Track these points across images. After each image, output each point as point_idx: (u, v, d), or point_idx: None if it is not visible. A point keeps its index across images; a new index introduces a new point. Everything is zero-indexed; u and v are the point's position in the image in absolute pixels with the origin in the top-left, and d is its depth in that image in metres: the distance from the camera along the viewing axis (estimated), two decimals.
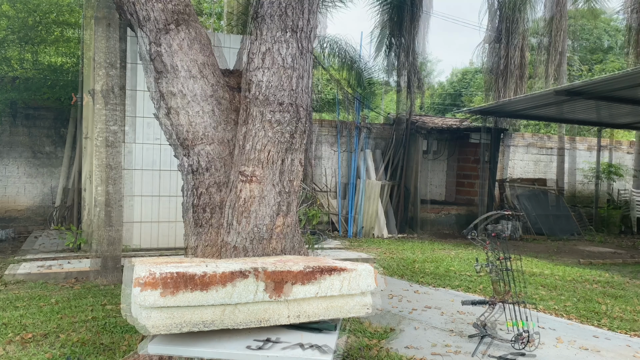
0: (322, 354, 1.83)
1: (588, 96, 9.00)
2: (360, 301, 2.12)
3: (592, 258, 8.83)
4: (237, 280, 1.90)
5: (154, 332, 1.82)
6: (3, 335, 4.10)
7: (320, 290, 2.02)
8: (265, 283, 1.94)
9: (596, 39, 26.73)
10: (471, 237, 4.12)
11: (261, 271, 1.94)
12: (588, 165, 14.61)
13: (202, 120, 3.12)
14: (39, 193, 10.32)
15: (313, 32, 3.25)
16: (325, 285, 2.03)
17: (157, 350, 1.90)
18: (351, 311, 2.10)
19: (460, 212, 12.26)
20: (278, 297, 1.95)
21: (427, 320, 4.69)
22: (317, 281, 2.02)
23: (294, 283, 1.98)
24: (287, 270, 1.98)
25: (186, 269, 1.87)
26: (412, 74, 11.29)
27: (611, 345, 4.21)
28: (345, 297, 2.08)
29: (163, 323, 1.83)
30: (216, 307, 1.89)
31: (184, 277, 1.84)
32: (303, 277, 1.99)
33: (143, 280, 1.80)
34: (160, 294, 1.80)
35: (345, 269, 2.09)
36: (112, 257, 5.97)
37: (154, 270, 1.83)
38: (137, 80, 7.74)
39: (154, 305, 1.80)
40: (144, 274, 1.81)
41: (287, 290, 1.97)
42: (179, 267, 1.90)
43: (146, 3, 3.10)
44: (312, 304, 2.02)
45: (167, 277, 1.82)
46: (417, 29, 11.31)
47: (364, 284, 2.11)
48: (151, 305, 1.80)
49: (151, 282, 1.80)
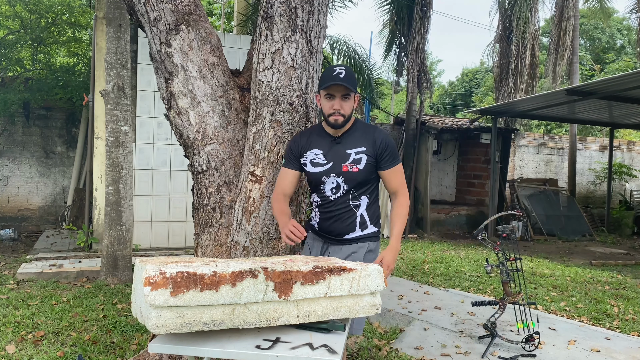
0: (331, 354, 1.82)
1: (600, 96, 8.91)
2: (370, 301, 2.11)
3: (604, 259, 8.75)
4: (247, 279, 1.90)
5: (165, 332, 1.83)
6: (16, 333, 4.14)
7: (330, 290, 2.02)
8: (274, 283, 1.93)
9: (608, 38, 26.49)
10: (481, 237, 4.10)
11: (271, 271, 1.94)
12: (600, 165, 14.48)
13: (212, 120, 3.13)
14: (51, 192, 10.42)
15: (323, 32, 3.25)
16: (335, 285, 2.02)
17: (166, 350, 1.91)
18: (360, 311, 2.10)
19: (471, 213, 12.20)
20: (287, 297, 1.95)
21: (437, 321, 4.67)
22: (327, 281, 2.01)
23: (304, 283, 1.97)
24: (297, 270, 1.98)
25: (197, 269, 1.88)
26: (422, 73, 11.25)
27: (623, 348, 4.17)
28: (355, 297, 2.08)
29: (174, 322, 1.83)
30: (226, 306, 1.89)
31: (195, 277, 1.85)
32: (312, 276, 1.99)
33: (154, 280, 1.81)
34: (171, 293, 1.81)
35: (355, 269, 2.08)
36: (123, 256, 6.01)
37: (165, 270, 1.84)
38: (148, 80, 7.79)
39: (164, 305, 1.81)
40: (154, 273, 1.82)
41: (297, 290, 1.96)
42: (190, 267, 1.90)
43: (157, 4, 3.12)
44: (322, 304, 2.02)
45: (177, 276, 1.82)
46: (427, 29, 11.28)
47: (374, 284, 2.10)
48: (162, 304, 1.81)
49: (162, 281, 1.81)
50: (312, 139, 2.72)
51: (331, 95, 2.58)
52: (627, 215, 12.56)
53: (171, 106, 3.18)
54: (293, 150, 2.73)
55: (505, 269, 4.03)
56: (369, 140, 2.67)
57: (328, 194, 2.68)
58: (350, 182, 2.66)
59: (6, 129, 10.07)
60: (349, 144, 2.68)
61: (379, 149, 2.65)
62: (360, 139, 2.68)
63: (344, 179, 2.65)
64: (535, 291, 6.12)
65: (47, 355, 3.73)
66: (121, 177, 5.96)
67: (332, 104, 2.58)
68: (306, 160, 2.70)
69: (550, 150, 14.10)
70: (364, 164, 2.65)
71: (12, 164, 10.21)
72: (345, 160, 2.65)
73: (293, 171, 2.73)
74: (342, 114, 2.59)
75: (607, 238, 11.48)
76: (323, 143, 2.70)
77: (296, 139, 2.78)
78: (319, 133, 2.74)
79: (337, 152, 2.67)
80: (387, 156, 2.67)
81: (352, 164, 2.64)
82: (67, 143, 10.49)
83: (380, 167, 2.68)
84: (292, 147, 2.74)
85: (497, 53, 13.26)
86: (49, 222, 10.36)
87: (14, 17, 10.31)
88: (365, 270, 2.10)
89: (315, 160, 2.68)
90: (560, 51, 13.30)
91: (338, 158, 2.66)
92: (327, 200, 2.69)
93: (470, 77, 33.22)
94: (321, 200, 2.72)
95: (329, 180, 2.67)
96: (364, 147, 2.66)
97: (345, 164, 2.64)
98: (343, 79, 2.54)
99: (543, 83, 17.05)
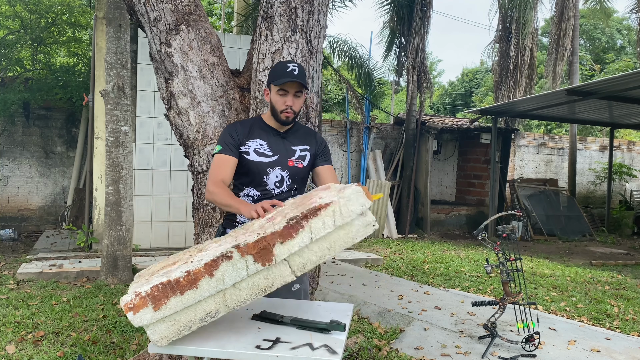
0: (331, 354, 1.82)
1: (600, 96, 8.91)
2: (362, 222, 1.99)
3: (604, 259, 8.75)
4: (223, 264, 1.86)
5: (167, 342, 1.86)
6: (16, 333, 4.14)
7: (314, 234, 1.92)
8: (252, 255, 1.87)
9: (608, 38, 26.49)
10: (481, 237, 4.10)
11: (244, 246, 1.88)
12: (600, 165, 14.47)
13: (212, 120, 3.13)
14: (50, 193, 10.42)
15: (323, 32, 3.25)
16: (317, 227, 1.92)
17: (166, 350, 1.90)
18: (357, 236, 1.98)
19: (471, 213, 12.20)
20: (271, 262, 1.89)
21: (437, 321, 4.67)
22: (306, 227, 1.91)
23: (283, 241, 1.90)
24: (272, 232, 1.90)
25: (169, 275, 1.86)
26: (422, 73, 11.25)
27: (623, 348, 4.17)
28: (344, 227, 1.96)
29: (171, 330, 1.85)
30: (215, 296, 1.87)
31: (170, 284, 1.83)
32: (289, 231, 1.90)
33: (132, 304, 1.82)
34: (154, 309, 1.81)
35: (331, 202, 1.95)
36: (123, 257, 6.01)
37: (139, 290, 1.84)
38: (148, 80, 7.79)
39: (153, 321, 1.82)
40: (130, 298, 1.83)
41: (279, 251, 1.90)
42: (166, 274, 1.89)
43: (157, 4, 3.12)
44: (313, 250, 1.94)
45: (153, 290, 1.82)
46: (426, 28, 11.28)
47: (357, 206, 1.97)
48: (150, 321, 1.82)
49: (140, 302, 1.82)
50: (254, 130, 2.63)
51: (284, 91, 2.52)
52: (627, 215, 12.56)
53: (171, 106, 3.18)
54: (233, 137, 2.57)
55: (505, 269, 4.03)
56: (311, 140, 2.71)
57: (271, 187, 2.60)
58: (294, 178, 2.63)
59: (6, 129, 10.07)
60: (294, 140, 2.66)
61: (319, 149, 2.71)
62: (305, 137, 2.70)
63: (289, 173, 2.61)
64: (536, 291, 6.12)
65: (47, 355, 3.73)
66: (121, 177, 5.96)
67: (285, 100, 2.53)
68: (249, 148, 2.58)
69: (550, 150, 14.10)
70: (307, 162, 2.66)
71: (12, 164, 10.21)
72: (291, 156, 2.63)
73: (234, 158, 2.56)
74: (294, 110, 2.56)
75: (607, 238, 11.48)
76: (266, 135, 2.62)
77: (235, 126, 2.65)
78: (261, 126, 2.65)
79: (282, 146, 2.63)
80: (325, 154, 2.73)
81: (298, 160, 2.63)
82: (67, 143, 10.49)
83: (317, 164, 2.69)
84: (232, 134, 2.59)
85: (497, 53, 13.26)
86: (49, 222, 10.36)
87: (14, 17, 10.31)
88: (343, 197, 1.97)
89: (260, 150, 2.59)
90: (561, 51, 13.30)
91: (284, 152, 2.62)
92: (269, 194, 2.59)
93: (470, 77, 33.23)
94: (262, 195, 2.60)
95: (273, 173, 2.59)
96: (308, 145, 2.68)
97: (291, 158, 2.62)
98: (297, 75, 2.51)
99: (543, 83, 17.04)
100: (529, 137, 14.13)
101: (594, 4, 14.93)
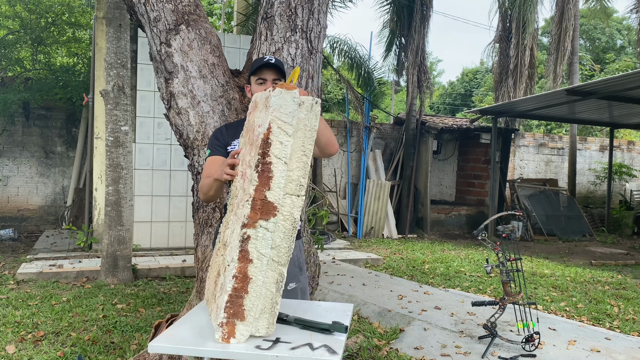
0: (331, 354, 1.82)
1: (600, 96, 8.92)
2: (306, 108, 1.94)
3: (604, 259, 8.75)
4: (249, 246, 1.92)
5: (273, 327, 1.96)
6: (16, 333, 4.14)
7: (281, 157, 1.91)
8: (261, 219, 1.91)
9: (608, 38, 26.49)
10: (481, 237, 4.10)
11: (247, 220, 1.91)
12: (600, 165, 14.48)
13: (212, 120, 3.13)
14: (50, 193, 10.42)
15: (323, 32, 3.25)
16: (279, 150, 1.91)
17: (166, 350, 1.90)
18: (312, 123, 1.95)
19: (471, 213, 12.21)
20: (277, 209, 1.92)
21: (437, 321, 4.67)
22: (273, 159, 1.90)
23: (269, 187, 1.90)
24: (254, 190, 1.90)
25: (226, 289, 1.92)
26: (422, 73, 11.25)
27: (623, 348, 4.17)
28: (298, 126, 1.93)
29: (266, 318, 1.96)
30: (267, 268, 1.95)
31: (233, 296, 1.92)
32: (265, 174, 1.90)
33: (227, 335, 1.91)
34: (241, 321, 1.92)
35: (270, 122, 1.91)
36: (123, 257, 6.01)
37: (220, 321, 1.92)
38: (148, 80, 7.79)
39: (251, 328, 1.94)
40: (220, 333, 1.91)
41: (274, 195, 1.91)
42: (224, 291, 1.96)
43: (157, 4, 3.12)
44: (292, 167, 1.93)
45: (228, 313, 1.91)
46: (426, 28, 11.28)
47: (290, 103, 1.91)
48: (250, 331, 1.95)
49: (229, 329, 1.94)
50: (240, 130, 2.60)
51: (263, 80, 2.52)
52: (627, 215, 12.56)
53: (171, 106, 3.18)
54: (219, 139, 2.62)
55: (505, 269, 4.03)
56: None
57: None
58: None
59: (6, 129, 10.07)
60: None
61: None
62: None
63: None
64: (535, 291, 6.12)
65: (47, 355, 3.73)
66: (121, 177, 5.96)
67: (265, 89, 2.47)
68: (235, 147, 2.57)
69: (550, 150, 14.10)
70: None
71: (12, 164, 10.20)
72: None
73: (222, 157, 2.55)
74: None
75: (607, 238, 11.48)
76: None
77: (221, 129, 2.69)
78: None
79: None
80: None
81: None
82: (67, 143, 10.49)
83: None
84: (217, 136, 2.63)
85: (497, 53, 13.27)
86: (49, 222, 10.36)
87: (14, 17, 10.31)
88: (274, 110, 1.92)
89: None
90: (561, 51, 13.30)
91: None
92: None
93: (470, 77, 33.22)
94: None
95: None
96: None
97: None
98: (274, 62, 2.52)
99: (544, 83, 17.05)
100: (529, 137, 14.13)
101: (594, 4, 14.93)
